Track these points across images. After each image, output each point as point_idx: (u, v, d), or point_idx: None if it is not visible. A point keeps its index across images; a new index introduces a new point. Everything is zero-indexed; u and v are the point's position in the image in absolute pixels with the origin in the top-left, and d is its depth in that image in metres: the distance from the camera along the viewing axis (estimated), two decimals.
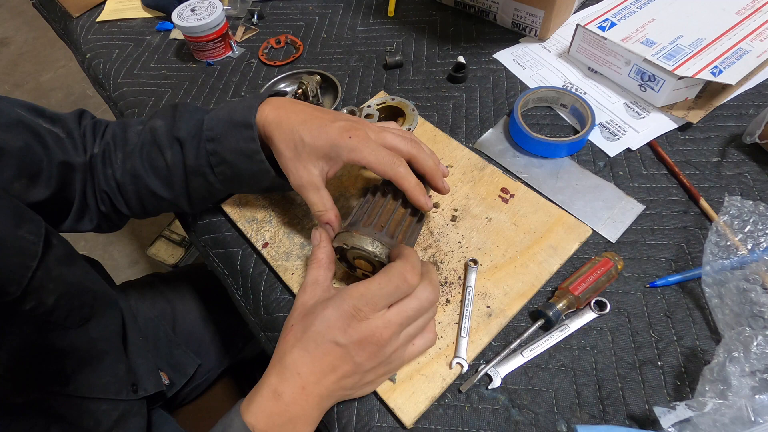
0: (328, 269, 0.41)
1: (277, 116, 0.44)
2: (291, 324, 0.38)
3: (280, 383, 0.35)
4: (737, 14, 0.60)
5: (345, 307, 0.36)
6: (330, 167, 0.44)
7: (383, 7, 0.79)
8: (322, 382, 0.36)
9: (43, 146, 0.46)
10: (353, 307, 0.35)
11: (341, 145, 0.42)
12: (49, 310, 0.43)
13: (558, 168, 0.55)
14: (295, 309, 0.39)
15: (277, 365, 0.37)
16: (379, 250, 0.40)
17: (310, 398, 0.36)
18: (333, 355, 0.36)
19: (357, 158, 0.41)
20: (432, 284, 0.38)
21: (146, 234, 1.61)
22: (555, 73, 0.65)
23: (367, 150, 0.41)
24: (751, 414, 0.33)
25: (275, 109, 0.45)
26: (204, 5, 0.72)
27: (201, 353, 0.69)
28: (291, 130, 0.43)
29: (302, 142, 0.42)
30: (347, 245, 0.41)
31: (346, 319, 0.35)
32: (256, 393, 0.36)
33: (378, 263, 0.41)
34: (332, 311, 0.36)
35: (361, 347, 0.36)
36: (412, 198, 0.42)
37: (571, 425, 0.39)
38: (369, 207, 0.43)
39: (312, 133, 0.42)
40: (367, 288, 0.36)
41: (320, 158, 0.43)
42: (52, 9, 0.94)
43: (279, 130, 0.44)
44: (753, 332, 0.36)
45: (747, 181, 0.51)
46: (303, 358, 0.36)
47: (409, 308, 0.37)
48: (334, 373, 0.36)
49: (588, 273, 0.44)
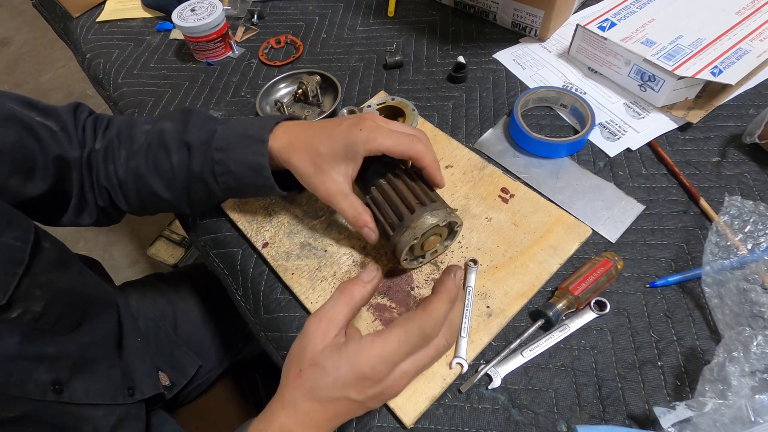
0: (353, 311, 0.36)
1: (290, 138, 0.45)
2: (299, 368, 0.35)
3: (293, 425, 0.34)
4: (737, 14, 0.60)
5: (361, 369, 0.33)
6: (351, 168, 0.44)
7: (383, 7, 0.79)
8: (334, 422, 0.36)
9: (36, 140, 0.46)
10: (371, 369, 0.33)
11: (355, 141, 0.42)
12: (36, 317, 0.42)
13: (558, 168, 0.55)
14: (304, 347, 0.35)
15: (289, 408, 0.35)
16: (441, 215, 0.42)
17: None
18: (348, 406, 0.35)
19: (374, 146, 0.42)
20: (452, 328, 0.37)
21: (146, 234, 1.61)
22: (555, 73, 0.65)
23: (382, 136, 0.42)
24: (751, 414, 0.33)
25: (288, 132, 0.46)
26: (204, 5, 0.72)
27: (201, 353, 0.69)
28: (305, 148, 0.44)
29: (318, 155, 0.43)
30: (417, 237, 0.42)
31: (362, 380, 0.33)
32: (268, 430, 0.35)
33: (447, 227, 0.45)
34: (346, 371, 0.33)
35: (376, 398, 0.35)
36: (431, 174, 0.43)
37: (571, 425, 0.39)
38: (390, 202, 0.44)
39: (324, 142, 0.43)
40: (384, 347, 0.33)
41: (340, 162, 0.43)
42: (52, 9, 0.94)
43: (294, 151, 0.45)
44: (753, 332, 0.37)
45: (747, 181, 0.51)
46: (316, 409, 0.34)
47: (428, 357, 0.35)
48: (347, 416, 0.36)
49: (588, 273, 0.44)
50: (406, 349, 0.34)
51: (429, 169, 0.43)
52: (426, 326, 0.34)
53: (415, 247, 0.44)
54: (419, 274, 0.48)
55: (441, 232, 0.45)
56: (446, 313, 0.35)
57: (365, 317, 0.46)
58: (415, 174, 0.46)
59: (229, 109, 0.68)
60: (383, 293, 0.47)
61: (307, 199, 0.55)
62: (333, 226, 0.52)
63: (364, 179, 0.49)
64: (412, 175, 0.46)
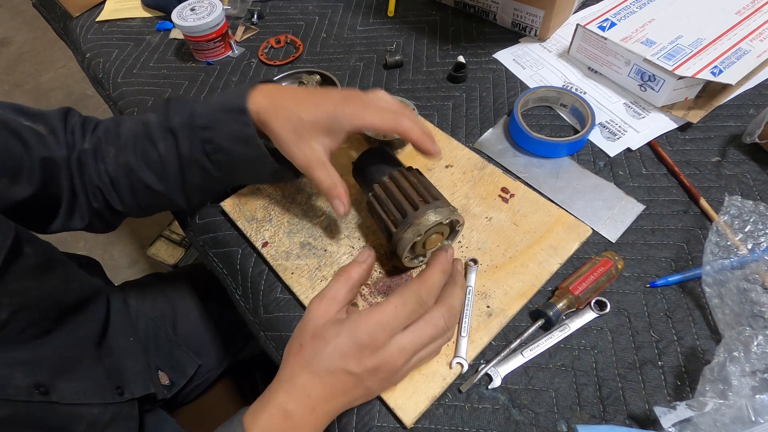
0: (352, 290, 0.39)
1: (271, 102, 0.44)
2: (300, 343, 0.36)
3: (288, 402, 0.35)
4: (737, 14, 0.60)
5: (360, 336, 0.34)
6: (332, 141, 0.43)
7: (383, 6, 0.79)
8: (332, 403, 0.36)
9: (22, 143, 0.45)
10: (369, 335, 0.34)
11: (341, 115, 0.42)
12: (0, 325, 0.41)
13: (558, 168, 0.55)
14: (306, 324, 0.37)
15: (286, 384, 0.36)
16: (444, 213, 0.42)
17: (319, 417, 0.35)
18: (345, 381, 0.35)
19: (359, 123, 0.42)
20: (450, 311, 0.38)
21: (146, 234, 1.61)
22: (555, 73, 0.65)
23: (367, 112, 0.42)
24: (752, 414, 0.33)
25: (267, 95, 0.44)
26: (204, 5, 0.72)
27: (201, 353, 0.69)
28: (287, 113, 0.43)
29: (301, 122, 0.42)
30: (421, 234, 0.42)
31: (361, 348, 0.34)
32: (263, 409, 0.35)
33: (449, 226, 0.45)
34: (345, 339, 0.35)
35: (374, 374, 0.35)
36: (422, 146, 0.43)
37: (572, 425, 0.39)
38: (393, 199, 0.44)
39: (309, 111, 0.42)
40: (382, 313, 0.35)
41: (321, 133, 0.43)
42: (52, 9, 0.94)
43: (275, 116, 0.43)
44: (753, 332, 0.36)
45: (747, 181, 0.51)
46: (313, 382, 0.35)
47: (425, 335, 0.36)
48: (345, 396, 0.36)
49: (588, 273, 0.44)
50: (403, 313, 0.35)
51: (419, 142, 0.42)
52: (421, 292, 0.36)
53: (417, 245, 0.44)
54: None
55: (443, 231, 0.45)
56: (440, 283, 0.38)
57: None
58: (417, 173, 0.46)
59: None
60: (383, 292, 0.47)
61: (307, 199, 0.54)
62: (333, 225, 0.52)
63: (365, 176, 0.49)
64: (415, 173, 0.46)
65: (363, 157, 0.50)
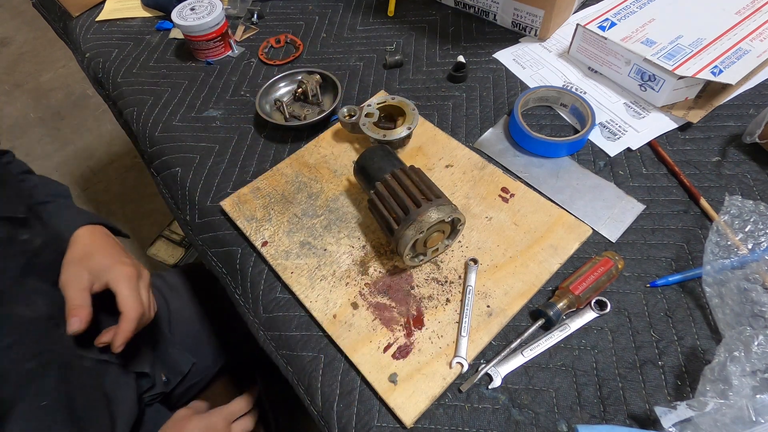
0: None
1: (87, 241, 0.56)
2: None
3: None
4: (737, 14, 0.60)
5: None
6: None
7: (383, 6, 0.79)
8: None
9: None
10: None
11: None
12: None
13: (558, 168, 0.55)
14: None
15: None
16: (447, 211, 0.43)
17: None
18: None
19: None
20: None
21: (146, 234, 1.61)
22: (555, 72, 0.64)
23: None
24: (752, 414, 0.33)
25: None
26: (204, 4, 0.72)
27: (197, 352, 0.69)
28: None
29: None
30: (423, 231, 0.42)
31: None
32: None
33: (450, 225, 0.45)
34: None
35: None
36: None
37: (572, 425, 0.39)
38: (395, 196, 0.44)
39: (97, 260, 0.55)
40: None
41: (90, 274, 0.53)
42: (52, 9, 0.94)
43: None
44: (754, 332, 0.36)
45: (747, 181, 0.51)
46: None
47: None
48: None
49: (588, 272, 0.44)
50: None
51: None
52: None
53: (418, 243, 0.44)
54: (419, 273, 0.48)
55: (444, 229, 0.45)
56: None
57: (365, 316, 0.45)
58: (419, 171, 0.46)
59: (228, 107, 0.67)
60: (383, 292, 0.47)
61: (307, 198, 0.54)
62: (333, 224, 0.52)
63: (367, 174, 0.49)
64: (417, 172, 0.46)
65: (364, 156, 0.50)
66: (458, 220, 0.45)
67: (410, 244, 0.43)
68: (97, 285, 0.52)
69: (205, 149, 0.63)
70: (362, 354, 0.43)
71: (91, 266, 0.52)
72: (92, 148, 1.82)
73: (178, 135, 0.65)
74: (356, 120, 0.56)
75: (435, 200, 0.43)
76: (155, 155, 0.65)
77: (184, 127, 0.66)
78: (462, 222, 0.45)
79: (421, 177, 0.46)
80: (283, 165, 0.58)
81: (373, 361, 0.43)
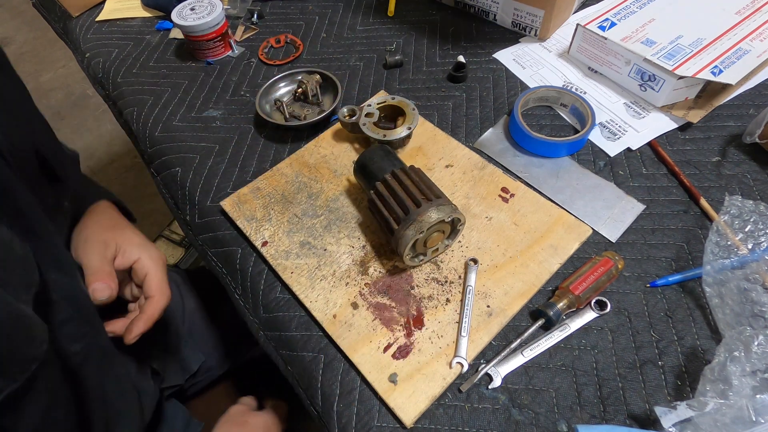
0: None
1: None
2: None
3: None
4: (737, 14, 0.60)
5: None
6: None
7: (383, 6, 0.79)
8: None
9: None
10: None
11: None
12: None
13: (558, 167, 0.55)
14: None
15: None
16: (447, 211, 0.43)
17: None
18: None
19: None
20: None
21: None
22: (555, 72, 0.64)
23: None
24: (752, 414, 0.33)
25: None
26: (204, 4, 0.72)
27: (205, 351, 0.69)
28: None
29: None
30: (423, 231, 0.42)
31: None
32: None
33: (450, 225, 0.45)
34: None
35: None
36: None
37: (572, 425, 0.39)
38: (395, 196, 0.45)
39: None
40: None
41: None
42: (52, 9, 0.94)
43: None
44: (754, 332, 0.36)
45: (747, 181, 0.51)
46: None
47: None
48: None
49: (588, 272, 0.44)
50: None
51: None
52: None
53: (418, 243, 0.44)
54: (419, 273, 0.48)
55: (444, 229, 0.45)
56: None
57: (365, 316, 0.45)
58: (419, 171, 0.46)
59: (228, 107, 0.67)
60: (383, 292, 0.47)
61: (307, 198, 0.54)
62: (333, 224, 0.52)
63: (367, 174, 0.49)
64: (417, 172, 0.46)
65: (364, 156, 0.50)
66: (458, 220, 0.45)
67: (410, 244, 0.43)
68: (121, 259, 0.47)
69: (205, 149, 0.63)
70: (362, 354, 0.43)
71: (120, 239, 0.47)
72: (92, 148, 1.82)
73: (178, 135, 0.65)
74: (356, 120, 0.56)
75: (435, 200, 0.43)
76: (155, 155, 0.65)
77: (184, 127, 0.66)
78: (462, 222, 0.45)
79: (421, 177, 0.46)
80: (283, 165, 0.58)
81: (373, 361, 0.43)
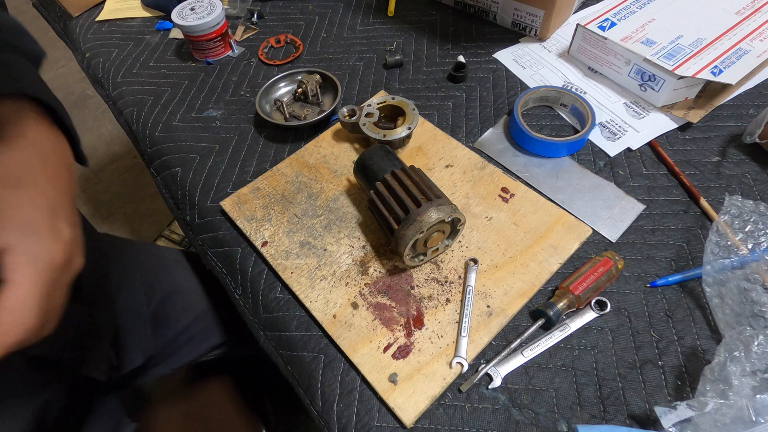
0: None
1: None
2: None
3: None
4: (737, 14, 0.60)
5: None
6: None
7: (383, 6, 0.79)
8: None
9: None
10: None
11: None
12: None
13: (558, 167, 0.55)
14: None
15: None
16: (447, 211, 0.43)
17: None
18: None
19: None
20: None
21: (146, 234, 1.61)
22: (555, 72, 0.64)
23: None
24: (753, 414, 0.33)
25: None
26: (204, 4, 0.72)
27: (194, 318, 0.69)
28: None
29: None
30: (423, 231, 0.42)
31: None
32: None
33: (450, 224, 0.45)
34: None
35: None
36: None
37: (572, 425, 0.39)
38: (395, 196, 0.45)
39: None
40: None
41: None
42: (51, 9, 0.94)
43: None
44: (754, 332, 0.36)
45: (747, 181, 0.51)
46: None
47: None
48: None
49: (588, 272, 0.44)
50: None
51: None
52: None
53: (418, 243, 0.44)
54: (419, 273, 0.48)
55: (444, 229, 0.45)
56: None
57: (365, 316, 0.45)
58: (419, 171, 0.46)
59: (228, 107, 0.67)
60: (383, 292, 0.47)
61: (307, 198, 0.54)
62: (333, 224, 0.52)
63: (367, 174, 0.49)
64: (417, 171, 0.46)
65: (364, 156, 0.51)
66: (458, 220, 0.45)
67: (410, 244, 0.43)
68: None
69: (205, 149, 0.63)
70: (362, 354, 0.43)
71: (4, 205, 0.31)
72: (92, 148, 1.82)
73: (178, 135, 0.65)
74: (356, 120, 0.56)
75: (435, 200, 0.43)
76: (155, 155, 0.65)
77: (184, 127, 0.66)
78: (462, 222, 0.45)
79: (421, 177, 0.46)
80: (283, 165, 0.58)
81: (373, 361, 0.43)
